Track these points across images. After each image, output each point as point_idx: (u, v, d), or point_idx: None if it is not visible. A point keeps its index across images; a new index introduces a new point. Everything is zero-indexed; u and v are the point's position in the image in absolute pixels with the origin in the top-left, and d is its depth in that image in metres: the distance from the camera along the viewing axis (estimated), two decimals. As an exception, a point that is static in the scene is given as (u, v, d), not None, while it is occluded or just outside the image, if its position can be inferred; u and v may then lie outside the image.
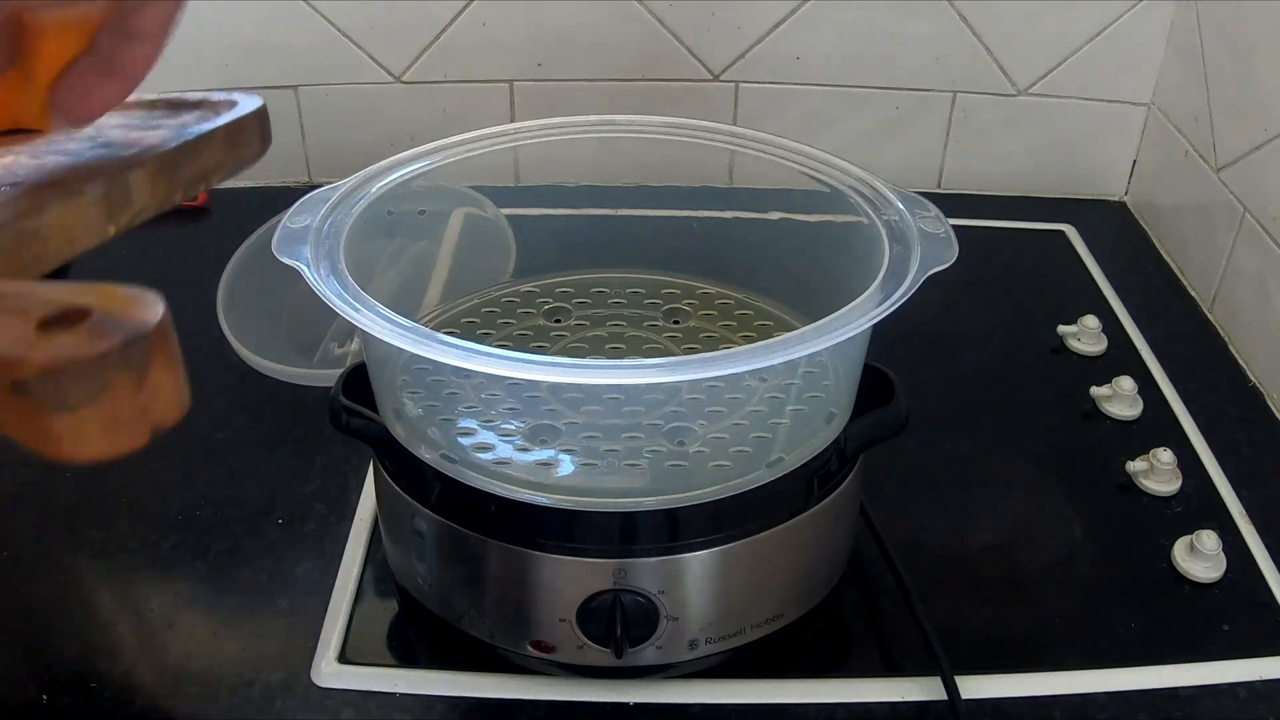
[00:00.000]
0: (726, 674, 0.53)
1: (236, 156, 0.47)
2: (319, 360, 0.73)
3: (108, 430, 0.28)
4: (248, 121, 0.48)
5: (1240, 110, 0.80)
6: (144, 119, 0.50)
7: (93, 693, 0.53)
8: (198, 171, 0.45)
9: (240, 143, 0.47)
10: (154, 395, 0.29)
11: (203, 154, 0.45)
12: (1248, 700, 0.53)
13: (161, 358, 0.29)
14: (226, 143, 0.46)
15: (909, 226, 0.50)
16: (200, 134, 0.45)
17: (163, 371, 0.29)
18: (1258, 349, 0.76)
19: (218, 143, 0.46)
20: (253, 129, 0.48)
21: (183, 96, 0.51)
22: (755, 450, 0.50)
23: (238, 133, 0.47)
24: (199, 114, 0.49)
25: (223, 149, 0.46)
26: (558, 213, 0.66)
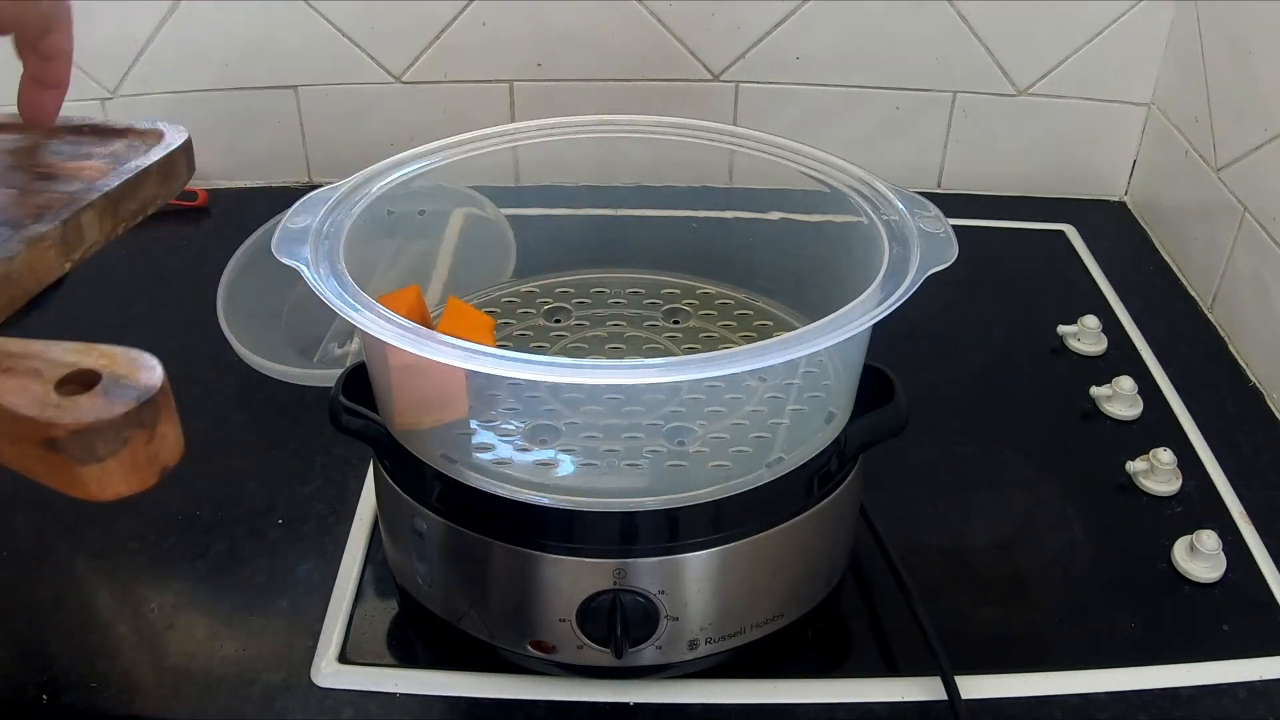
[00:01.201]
0: (726, 674, 0.53)
1: (169, 189, 0.52)
2: (319, 360, 0.73)
3: (126, 475, 0.35)
4: (177, 155, 0.52)
5: (1240, 110, 0.80)
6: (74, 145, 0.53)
7: (93, 693, 0.53)
8: (138, 206, 0.49)
9: (172, 175, 0.52)
10: (161, 443, 0.35)
11: (141, 190, 0.50)
12: (1248, 700, 0.53)
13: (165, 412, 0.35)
14: (160, 177, 0.51)
15: (909, 226, 0.50)
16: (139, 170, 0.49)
17: (167, 424, 0.36)
18: (1258, 349, 0.76)
19: (153, 177, 0.50)
20: (182, 161, 0.52)
21: (109, 123, 0.54)
22: (755, 450, 0.50)
23: (169, 166, 0.51)
24: (128, 142, 0.53)
25: (157, 183, 0.51)
26: (558, 213, 0.66)
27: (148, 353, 0.36)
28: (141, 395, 0.34)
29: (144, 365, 0.36)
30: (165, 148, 0.51)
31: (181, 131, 0.52)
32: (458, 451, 0.49)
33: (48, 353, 0.36)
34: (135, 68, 0.90)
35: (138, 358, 0.36)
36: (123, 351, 0.36)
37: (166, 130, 0.53)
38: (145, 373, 0.35)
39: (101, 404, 0.34)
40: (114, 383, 0.35)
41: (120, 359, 0.36)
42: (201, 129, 0.96)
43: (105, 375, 0.35)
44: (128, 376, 0.35)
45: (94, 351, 0.36)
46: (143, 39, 0.89)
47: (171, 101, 0.92)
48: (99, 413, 0.33)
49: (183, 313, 0.79)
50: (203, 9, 0.88)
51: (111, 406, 0.34)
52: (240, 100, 0.93)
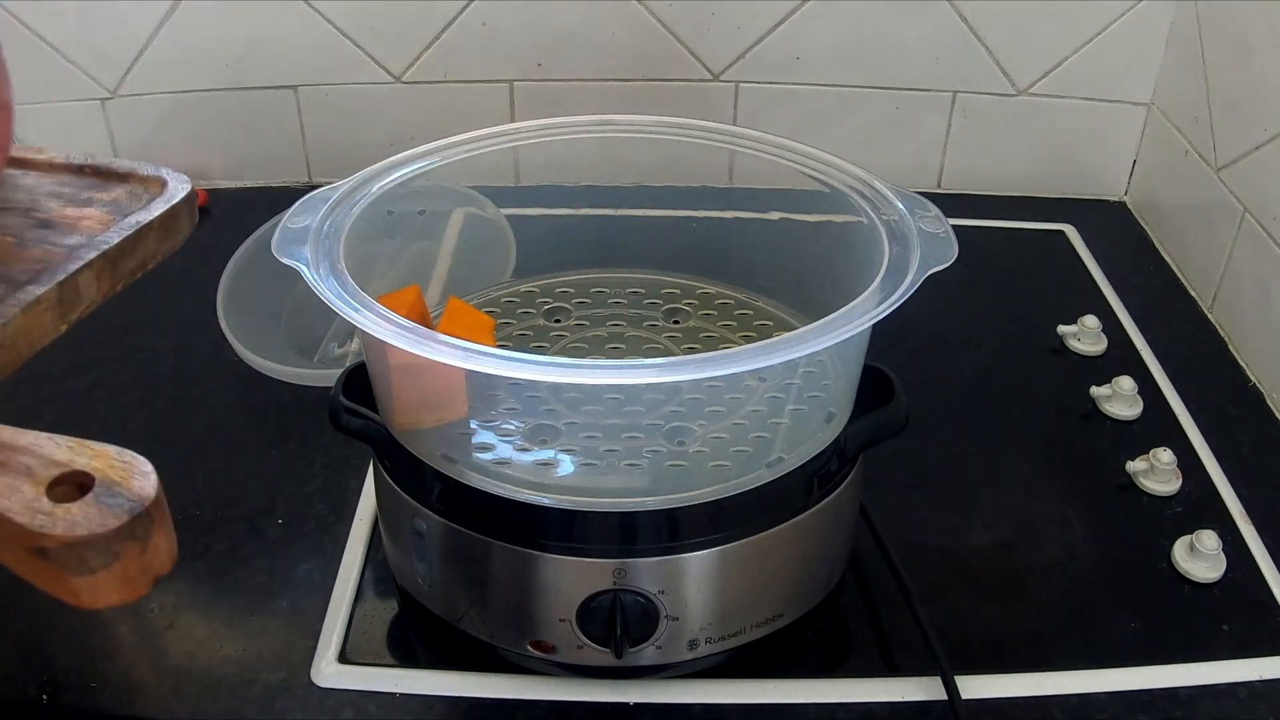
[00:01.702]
0: (726, 674, 0.53)
1: (170, 244, 0.50)
2: (319, 360, 0.73)
3: (119, 586, 0.33)
4: (179, 208, 0.49)
5: (1240, 110, 0.80)
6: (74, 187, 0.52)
7: (93, 693, 0.53)
8: (137, 263, 0.48)
9: (174, 229, 0.50)
10: (154, 555, 0.34)
11: (141, 246, 0.48)
12: (1248, 700, 0.53)
13: (159, 522, 0.34)
14: (161, 232, 0.49)
15: (909, 226, 0.50)
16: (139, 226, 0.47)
17: (160, 534, 0.34)
18: (1258, 349, 0.76)
19: (154, 233, 0.48)
20: (184, 214, 0.50)
21: (110, 164, 0.52)
22: (755, 450, 0.50)
23: (171, 220, 0.49)
24: (128, 189, 0.51)
25: (159, 238, 0.49)
26: (558, 213, 0.66)
27: (142, 456, 0.35)
28: (135, 508, 0.33)
29: (138, 472, 0.35)
30: (167, 200, 0.49)
31: (185, 182, 0.50)
32: (458, 451, 0.49)
33: (40, 448, 0.35)
34: (135, 68, 0.90)
35: (132, 462, 0.35)
36: (116, 452, 0.35)
37: (169, 179, 0.51)
38: (139, 480, 0.34)
39: (94, 515, 0.33)
40: (107, 490, 0.34)
41: (114, 461, 0.35)
42: (201, 129, 0.97)
43: (98, 480, 0.34)
44: (121, 484, 0.34)
45: (87, 450, 0.35)
46: (143, 39, 0.89)
47: (171, 101, 0.92)
48: (91, 525, 0.32)
49: (183, 313, 0.79)
50: (203, 9, 0.88)
51: (104, 519, 0.33)
52: (240, 100, 0.93)
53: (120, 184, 0.51)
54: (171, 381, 0.73)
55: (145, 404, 0.71)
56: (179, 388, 0.73)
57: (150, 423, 0.70)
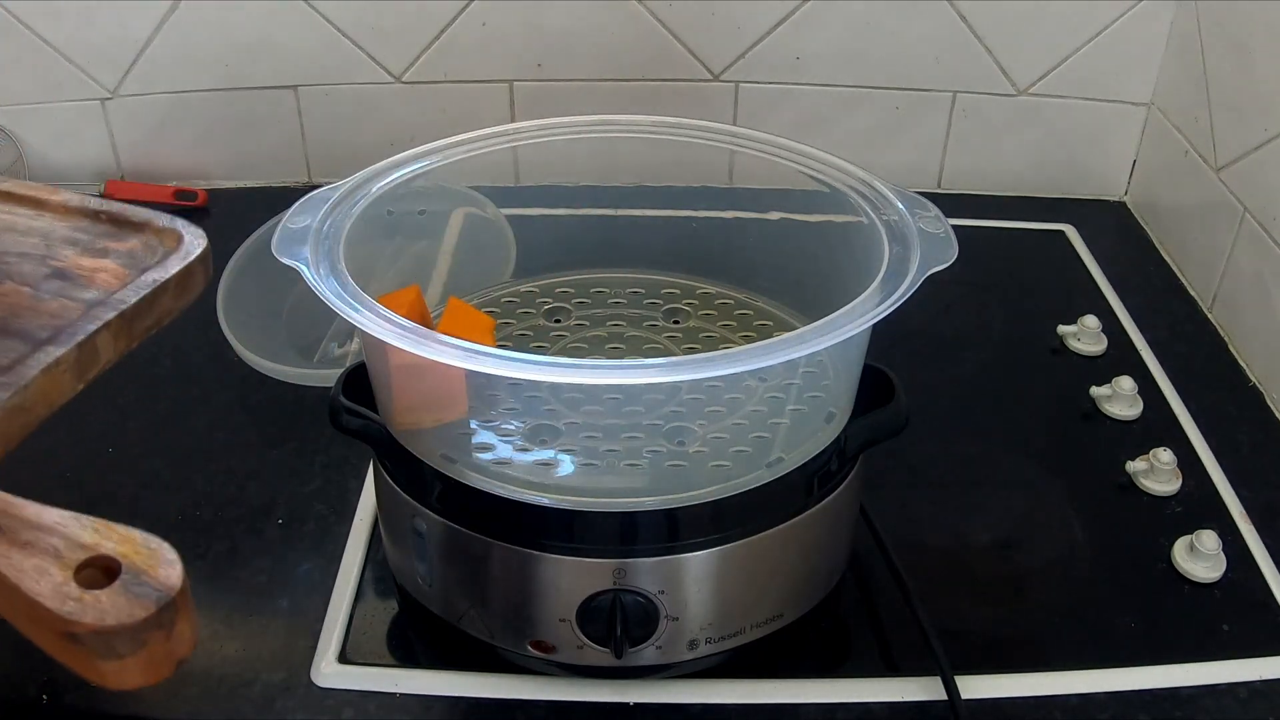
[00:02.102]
0: (726, 674, 0.53)
1: (184, 301, 0.50)
2: (319, 360, 0.73)
3: (144, 670, 0.35)
4: (195, 266, 0.50)
5: (1240, 110, 0.80)
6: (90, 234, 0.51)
7: (93, 693, 0.53)
8: (153, 322, 0.48)
9: (189, 287, 0.50)
10: (178, 641, 0.35)
11: (157, 305, 0.48)
12: (1248, 700, 0.53)
13: (183, 610, 0.35)
14: (177, 291, 0.49)
15: (909, 226, 0.50)
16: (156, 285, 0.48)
17: (184, 621, 0.35)
18: (1258, 349, 0.76)
19: (170, 291, 0.49)
20: (199, 272, 0.50)
21: (125, 212, 0.52)
22: (755, 450, 0.50)
23: (186, 277, 0.49)
24: (144, 240, 0.51)
25: (173, 297, 0.49)
26: (558, 213, 0.66)
27: (166, 543, 0.36)
28: (162, 598, 0.34)
29: (164, 560, 0.35)
30: (183, 258, 0.49)
31: (200, 237, 0.50)
32: (458, 451, 0.49)
33: (66, 528, 0.36)
34: (135, 68, 0.90)
35: (157, 549, 0.36)
36: (142, 538, 0.36)
37: (185, 233, 0.51)
38: (165, 570, 0.35)
39: (123, 605, 0.34)
40: (134, 578, 0.35)
41: (140, 548, 0.36)
42: (201, 129, 0.97)
43: (125, 566, 0.35)
44: (148, 572, 0.35)
45: (113, 534, 0.36)
46: (143, 39, 0.89)
47: (171, 101, 0.92)
48: (120, 615, 0.33)
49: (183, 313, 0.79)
50: (203, 9, 0.88)
51: (133, 609, 0.34)
52: (240, 100, 0.93)
53: (136, 234, 0.51)
54: (171, 381, 0.73)
55: (145, 404, 0.71)
56: (179, 388, 0.73)
57: (150, 423, 0.70)
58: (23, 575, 0.34)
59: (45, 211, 0.53)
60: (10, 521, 0.37)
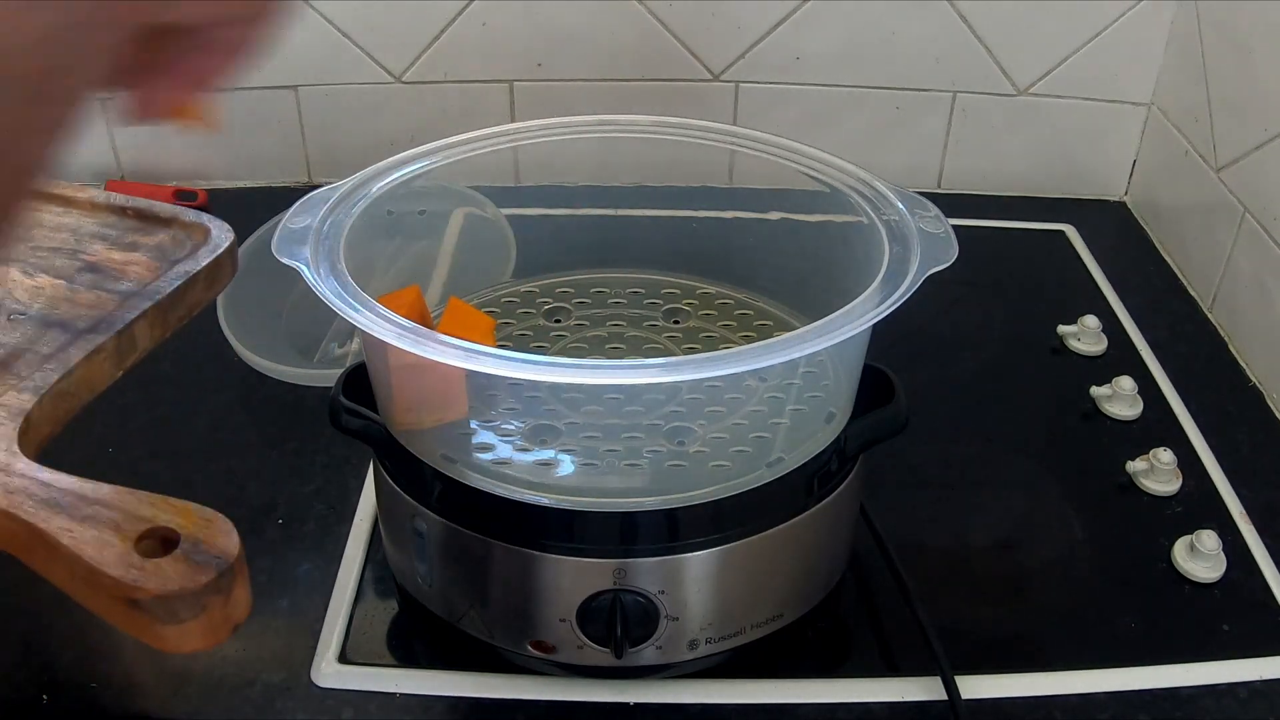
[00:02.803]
0: (726, 674, 0.53)
1: (213, 291, 0.52)
2: (319, 360, 0.73)
3: (204, 634, 0.36)
4: (223, 258, 0.52)
5: (1240, 110, 0.80)
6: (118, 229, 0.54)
7: (93, 693, 0.53)
8: (185, 311, 0.51)
9: (218, 278, 0.52)
10: (235, 605, 0.37)
11: (188, 295, 0.51)
12: (1248, 700, 0.53)
13: (240, 577, 0.37)
14: (207, 282, 0.52)
15: (909, 226, 0.50)
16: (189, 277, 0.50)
17: (241, 587, 0.37)
18: (1258, 349, 0.76)
19: (201, 283, 0.51)
20: (227, 263, 0.53)
21: (152, 207, 0.54)
22: (755, 450, 0.50)
23: (216, 269, 0.52)
24: (171, 234, 0.53)
25: (204, 287, 0.52)
26: (558, 213, 0.66)
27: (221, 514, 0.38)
28: (221, 564, 0.36)
29: (221, 530, 0.37)
30: (213, 250, 0.52)
31: (227, 231, 0.53)
32: (458, 451, 0.49)
33: (124, 504, 0.38)
34: (135, 68, 0.90)
35: (213, 520, 0.37)
36: (196, 509, 0.38)
37: (213, 227, 0.53)
38: (224, 539, 0.37)
39: (185, 571, 0.35)
40: (193, 547, 0.36)
41: (195, 518, 0.37)
42: (201, 129, 0.96)
43: (184, 537, 0.37)
44: (206, 541, 0.36)
45: (169, 507, 0.38)
46: (143, 39, 0.89)
47: (171, 101, 0.92)
48: (183, 581, 0.35)
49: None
50: (203, 9, 0.88)
51: (194, 575, 0.35)
52: (240, 100, 0.93)
53: (163, 229, 0.53)
54: (171, 381, 0.73)
55: (145, 405, 0.71)
56: (179, 388, 0.73)
57: (150, 423, 0.70)
58: (85, 546, 0.36)
59: (72, 208, 0.54)
60: (67, 498, 0.38)
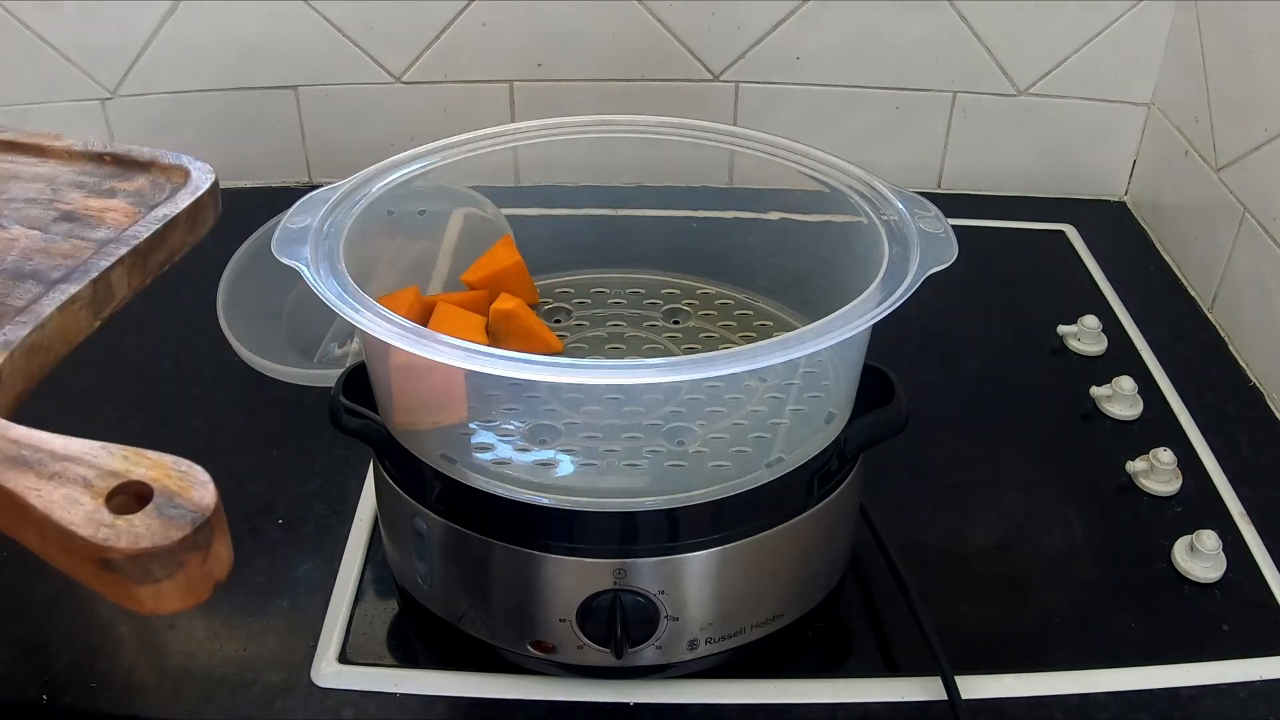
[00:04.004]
0: (726, 674, 0.53)
1: (196, 235, 0.50)
2: (319, 360, 0.73)
3: (182, 593, 0.34)
4: (205, 199, 0.50)
5: (1240, 110, 0.80)
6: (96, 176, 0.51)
7: (93, 693, 0.53)
8: (165, 257, 0.48)
9: (199, 221, 0.50)
10: (215, 562, 0.35)
11: (169, 240, 0.48)
12: (1248, 700, 0.53)
13: (219, 532, 0.34)
14: (188, 225, 0.49)
15: (909, 226, 0.50)
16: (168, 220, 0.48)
17: (220, 542, 0.35)
18: (1258, 349, 0.76)
19: (181, 226, 0.48)
20: (209, 205, 0.50)
21: (130, 152, 0.52)
22: (755, 450, 0.50)
23: (197, 210, 0.49)
24: (151, 179, 0.51)
25: (185, 231, 0.49)
26: (558, 213, 0.66)
27: (197, 465, 0.35)
28: (197, 519, 0.34)
29: (196, 482, 0.35)
30: (193, 191, 0.49)
31: (208, 171, 0.50)
32: (458, 451, 0.49)
33: (95, 458, 0.35)
34: (135, 68, 0.90)
35: (189, 471, 0.35)
36: (172, 462, 0.35)
37: (192, 169, 0.51)
38: (198, 491, 0.34)
39: (157, 527, 0.33)
40: (167, 501, 0.34)
41: (171, 471, 0.35)
42: (201, 129, 0.96)
43: (158, 490, 0.34)
44: (180, 494, 0.34)
45: (144, 460, 0.35)
46: (143, 39, 0.89)
47: (171, 101, 0.92)
48: (155, 538, 0.33)
49: (183, 313, 0.79)
50: (203, 9, 0.88)
51: (167, 530, 0.33)
52: (240, 100, 0.93)
53: (142, 173, 0.51)
54: (171, 381, 0.73)
55: (145, 404, 0.71)
56: (179, 388, 0.73)
57: (150, 423, 0.70)
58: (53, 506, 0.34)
59: (49, 158, 0.53)
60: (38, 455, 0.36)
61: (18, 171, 0.51)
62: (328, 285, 0.45)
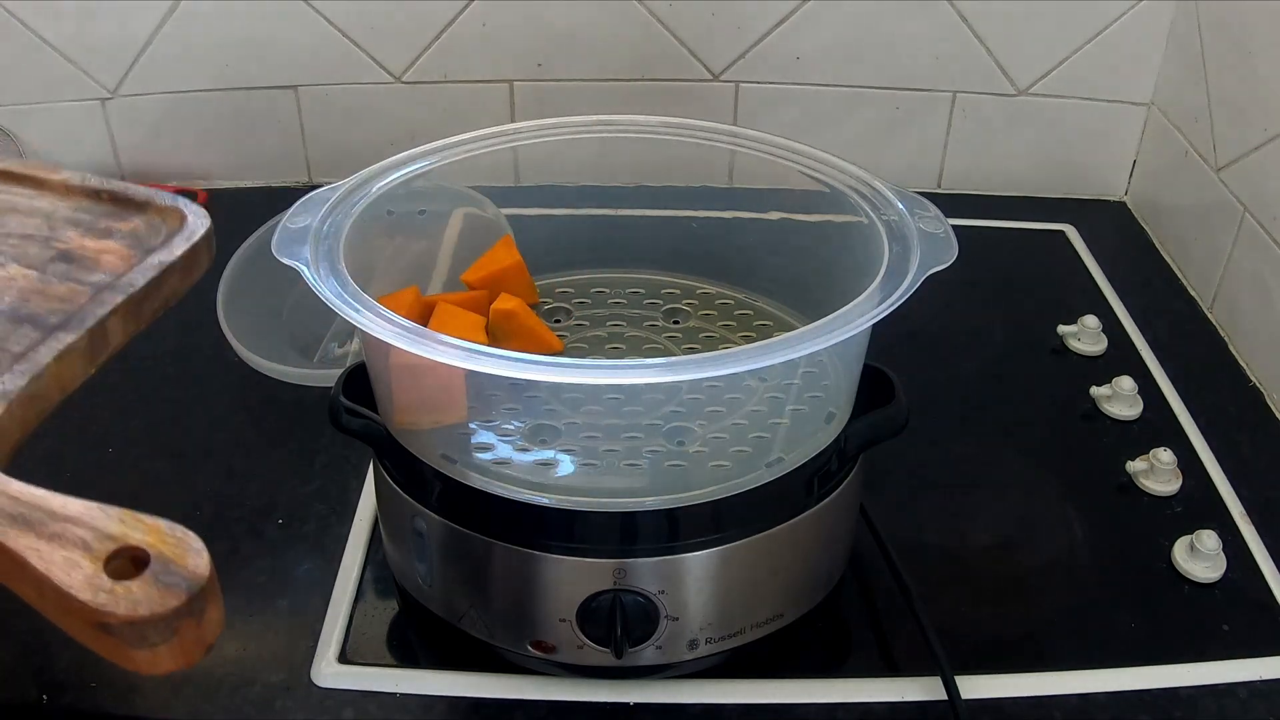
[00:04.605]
0: (726, 674, 0.53)
1: (189, 281, 0.50)
2: (319, 360, 0.73)
3: (175, 657, 0.35)
4: (200, 245, 0.49)
5: (1240, 110, 0.80)
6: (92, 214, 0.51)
7: (93, 693, 0.53)
8: (160, 304, 0.48)
9: (194, 266, 0.50)
10: (208, 626, 0.36)
11: (164, 286, 0.48)
12: (1248, 700, 0.53)
13: (212, 597, 0.36)
14: (183, 271, 0.49)
15: (909, 226, 0.50)
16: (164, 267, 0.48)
17: (214, 608, 0.36)
18: (1258, 349, 0.76)
19: (177, 273, 0.48)
20: (204, 251, 0.50)
21: (127, 191, 0.51)
22: (755, 450, 0.50)
23: (192, 256, 0.49)
24: (146, 219, 0.50)
25: (180, 277, 0.49)
26: (558, 213, 0.66)
27: (192, 532, 0.36)
28: (192, 586, 0.34)
29: (191, 549, 0.36)
30: (188, 238, 0.49)
31: (204, 217, 0.50)
32: (458, 451, 0.49)
33: (92, 519, 0.36)
34: (135, 68, 0.90)
35: (184, 538, 0.36)
36: (168, 527, 0.36)
37: (188, 213, 0.50)
38: (193, 558, 0.35)
39: (154, 594, 0.34)
40: (164, 568, 0.35)
41: (167, 537, 0.36)
42: (201, 129, 0.97)
43: (154, 557, 0.35)
44: (177, 561, 0.35)
45: (140, 524, 0.36)
46: (143, 39, 0.89)
47: (171, 101, 0.92)
48: (152, 605, 0.34)
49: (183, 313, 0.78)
50: (203, 9, 0.88)
51: (164, 598, 0.34)
52: (240, 100, 0.93)
53: (138, 213, 0.51)
54: (171, 381, 0.73)
55: (145, 404, 0.71)
56: (179, 388, 0.73)
57: (150, 423, 0.70)
58: (53, 567, 0.34)
59: (46, 191, 0.52)
60: (36, 514, 0.37)
61: (15, 204, 0.51)
62: (328, 285, 0.45)
